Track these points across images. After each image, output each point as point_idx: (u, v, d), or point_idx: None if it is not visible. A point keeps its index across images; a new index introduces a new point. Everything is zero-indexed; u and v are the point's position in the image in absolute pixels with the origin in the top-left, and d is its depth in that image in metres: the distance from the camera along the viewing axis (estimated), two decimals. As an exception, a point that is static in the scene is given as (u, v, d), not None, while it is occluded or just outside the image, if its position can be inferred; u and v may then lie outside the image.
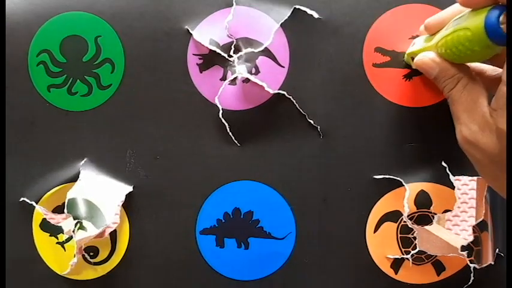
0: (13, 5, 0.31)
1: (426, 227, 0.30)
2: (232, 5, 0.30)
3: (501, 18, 0.20)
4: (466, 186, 0.31)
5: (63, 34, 0.31)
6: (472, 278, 0.31)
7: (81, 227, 0.31)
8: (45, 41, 0.31)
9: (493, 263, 0.30)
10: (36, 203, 0.32)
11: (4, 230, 0.32)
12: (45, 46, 0.32)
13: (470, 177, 0.30)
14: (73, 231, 0.31)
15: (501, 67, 0.22)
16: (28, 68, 0.32)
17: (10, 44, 0.32)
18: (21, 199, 0.32)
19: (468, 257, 0.30)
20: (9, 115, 0.32)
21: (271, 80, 0.30)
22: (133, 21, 0.31)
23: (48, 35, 0.31)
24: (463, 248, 0.30)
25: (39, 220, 0.32)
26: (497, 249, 0.31)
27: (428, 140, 0.30)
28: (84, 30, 0.31)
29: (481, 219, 0.30)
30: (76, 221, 0.31)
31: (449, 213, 0.31)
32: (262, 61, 0.30)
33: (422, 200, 0.30)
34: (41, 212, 0.32)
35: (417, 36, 0.29)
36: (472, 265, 0.30)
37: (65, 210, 0.31)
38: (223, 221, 0.32)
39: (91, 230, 0.31)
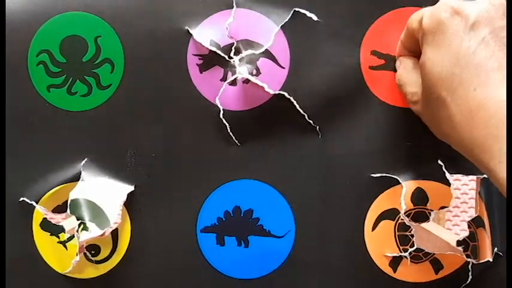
0: (13, 5, 0.34)
1: (423, 225, 0.33)
2: (232, 7, 0.32)
3: None
4: (465, 186, 0.33)
5: (63, 34, 0.34)
6: (471, 277, 0.33)
7: (85, 228, 0.34)
8: (45, 41, 0.34)
9: (491, 259, 0.32)
10: (36, 203, 0.35)
11: (4, 229, 0.35)
12: (45, 46, 0.34)
13: (469, 177, 0.33)
14: (77, 230, 0.34)
15: None
16: (28, 68, 0.34)
17: (10, 44, 0.34)
18: (21, 199, 0.35)
19: (464, 252, 0.32)
20: (9, 115, 0.34)
21: (272, 81, 0.32)
22: (133, 21, 0.33)
23: (48, 35, 0.34)
24: (459, 243, 0.32)
25: (40, 220, 0.35)
26: (496, 248, 0.33)
27: (424, 139, 0.32)
28: (84, 30, 0.33)
29: (476, 215, 0.33)
30: (79, 221, 0.34)
31: (449, 213, 0.34)
32: (263, 63, 0.32)
33: (419, 197, 0.33)
34: (41, 211, 0.35)
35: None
36: (468, 259, 0.32)
37: (68, 211, 0.34)
38: (224, 219, 0.34)
39: (94, 231, 0.34)
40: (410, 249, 0.33)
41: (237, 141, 0.34)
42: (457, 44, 0.23)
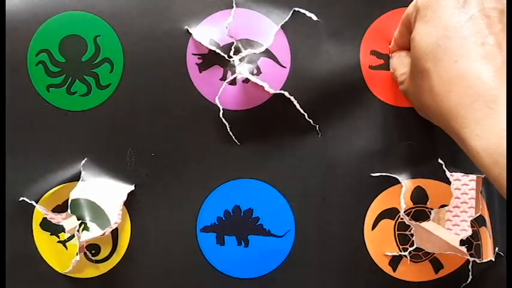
0: (12, 5, 0.34)
1: (423, 224, 0.33)
2: (232, 6, 0.33)
3: None
4: (466, 186, 0.34)
5: (63, 34, 0.34)
6: (471, 277, 0.34)
7: (85, 228, 0.35)
8: (45, 41, 0.34)
9: (493, 259, 0.33)
10: (36, 203, 0.35)
11: (4, 229, 0.35)
12: (45, 46, 0.34)
13: (470, 177, 0.33)
14: (77, 230, 0.34)
15: None
16: (27, 68, 0.35)
17: (9, 44, 0.34)
18: (21, 199, 0.35)
19: (468, 251, 0.33)
20: (9, 115, 0.35)
21: (273, 80, 0.33)
22: (132, 20, 0.34)
23: (48, 34, 0.34)
24: (462, 242, 0.33)
25: (40, 219, 0.35)
26: (497, 248, 0.34)
27: (423, 138, 0.33)
28: (83, 30, 0.34)
29: (478, 214, 0.33)
30: (80, 221, 0.35)
31: (449, 213, 0.35)
32: (263, 62, 0.33)
33: (419, 196, 0.33)
34: (41, 211, 0.35)
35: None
36: (472, 259, 0.33)
37: (68, 211, 0.34)
38: (224, 218, 0.35)
39: (95, 231, 0.34)
40: (410, 249, 0.33)
41: (236, 141, 0.35)
42: (447, 18, 0.25)
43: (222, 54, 0.33)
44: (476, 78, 0.23)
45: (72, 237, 0.35)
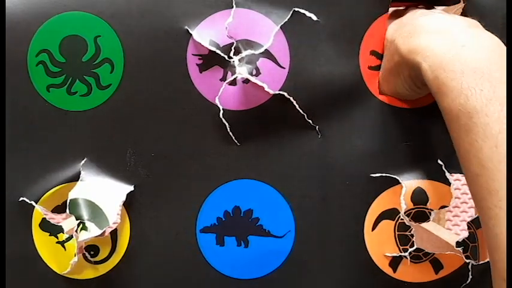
0: (12, 5, 0.34)
1: (423, 225, 0.33)
2: (231, 6, 0.33)
3: None
4: (466, 186, 0.34)
5: (63, 34, 0.34)
6: (471, 277, 0.34)
7: (84, 228, 0.34)
8: (45, 41, 0.34)
9: None
10: (36, 203, 0.35)
11: (4, 229, 0.35)
12: (45, 46, 0.34)
13: None
14: (76, 230, 0.34)
15: None
16: (27, 68, 0.34)
17: (9, 44, 0.34)
18: (21, 199, 0.35)
19: (464, 253, 0.33)
20: (9, 115, 0.35)
21: (272, 80, 0.33)
22: (132, 21, 0.34)
23: (48, 34, 0.34)
24: (458, 244, 0.33)
25: (39, 220, 0.35)
26: None
27: (422, 139, 0.33)
28: (83, 30, 0.34)
29: (476, 216, 0.33)
30: (78, 221, 0.34)
31: (449, 213, 0.35)
32: (263, 62, 0.33)
33: (419, 197, 0.33)
34: (40, 211, 0.35)
35: None
36: (468, 261, 0.33)
37: (67, 211, 0.34)
38: (224, 219, 0.35)
39: (93, 231, 0.34)
40: (410, 249, 0.33)
41: (236, 141, 0.35)
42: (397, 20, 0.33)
43: (222, 54, 0.33)
44: (426, 24, 0.29)
45: (70, 237, 0.35)
